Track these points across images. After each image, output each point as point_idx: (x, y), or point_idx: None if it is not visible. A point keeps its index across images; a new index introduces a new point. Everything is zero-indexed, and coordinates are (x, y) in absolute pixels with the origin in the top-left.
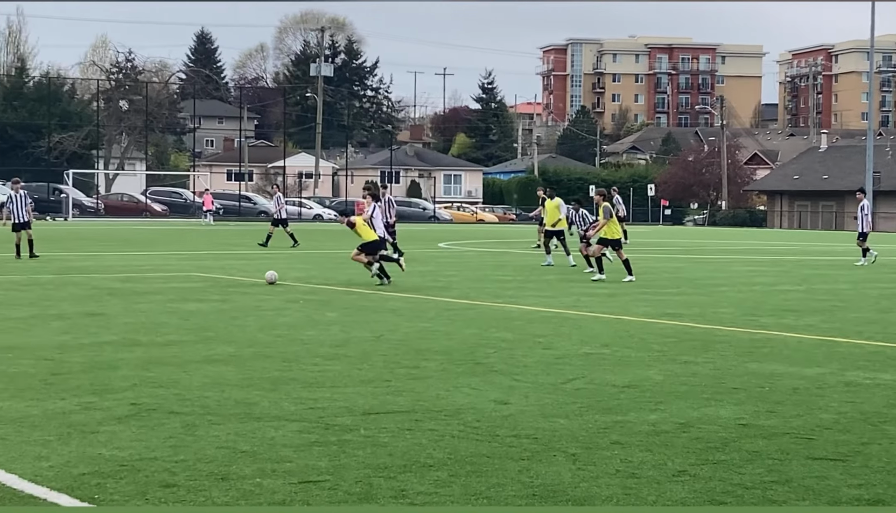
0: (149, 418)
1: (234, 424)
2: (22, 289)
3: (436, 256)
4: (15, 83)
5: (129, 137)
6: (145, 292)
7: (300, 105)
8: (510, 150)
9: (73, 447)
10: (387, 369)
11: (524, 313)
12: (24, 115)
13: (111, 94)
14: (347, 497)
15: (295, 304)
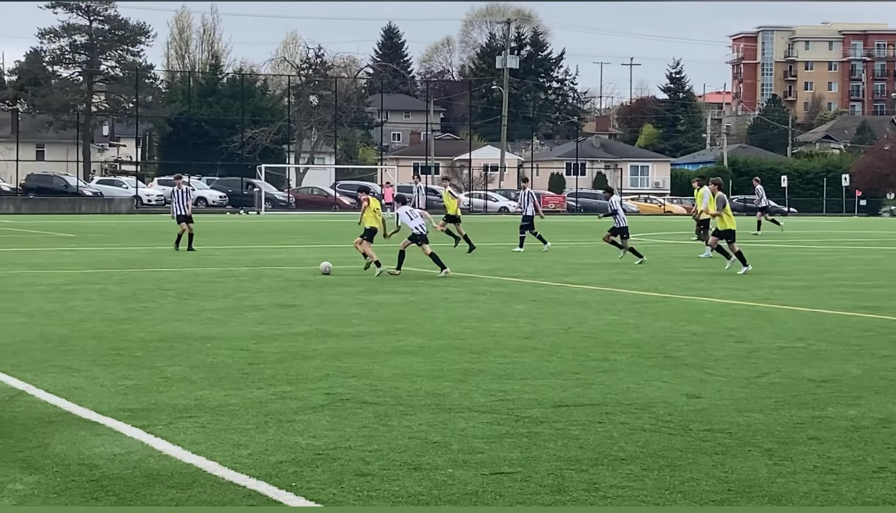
0: (342, 407)
1: (426, 414)
2: (218, 281)
3: None
4: (209, 80)
5: (319, 132)
6: (336, 284)
7: (486, 98)
8: (698, 140)
9: (270, 435)
10: (576, 362)
11: (715, 306)
12: (218, 111)
13: (301, 90)
14: (539, 489)
15: (482, 296)
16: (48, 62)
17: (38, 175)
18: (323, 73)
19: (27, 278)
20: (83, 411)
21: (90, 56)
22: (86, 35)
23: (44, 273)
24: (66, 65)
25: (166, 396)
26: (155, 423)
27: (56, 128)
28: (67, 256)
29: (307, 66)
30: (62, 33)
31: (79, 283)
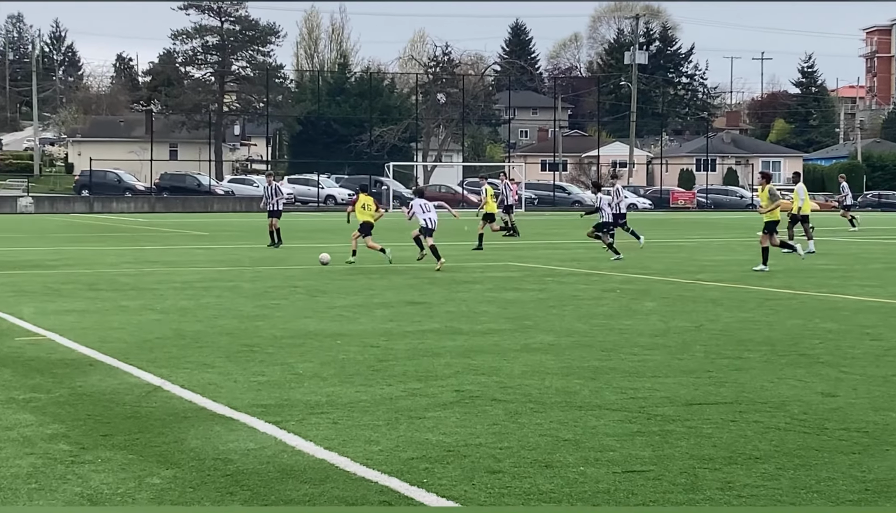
0: (472, 404)
1: (556, 412)
2: (347, 278)
3: (755, 246)
4: (338, 79)
5: (447, 129)
6: (464, 281)
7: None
8: (831, 135)
9: (402, 432)
10: (708, 360)
11: (850, 303)
12: (346, 110)
13: (429, 88)
14: (672, 488)
15: (612, 293)
16: (181, 63)
17: (172, 174)
18: (450, 71)
19: (162, 276)
20: (218, 407)
21: (222, 57)
22: (217, 36)
23: (178, 271)
24: (199, 65)
25: (298, 392)
26: (288, 419)
27: (189, 128)
28: (200, 253)
29: (435, 64)
30: (194, 34)
31: (212, 280)
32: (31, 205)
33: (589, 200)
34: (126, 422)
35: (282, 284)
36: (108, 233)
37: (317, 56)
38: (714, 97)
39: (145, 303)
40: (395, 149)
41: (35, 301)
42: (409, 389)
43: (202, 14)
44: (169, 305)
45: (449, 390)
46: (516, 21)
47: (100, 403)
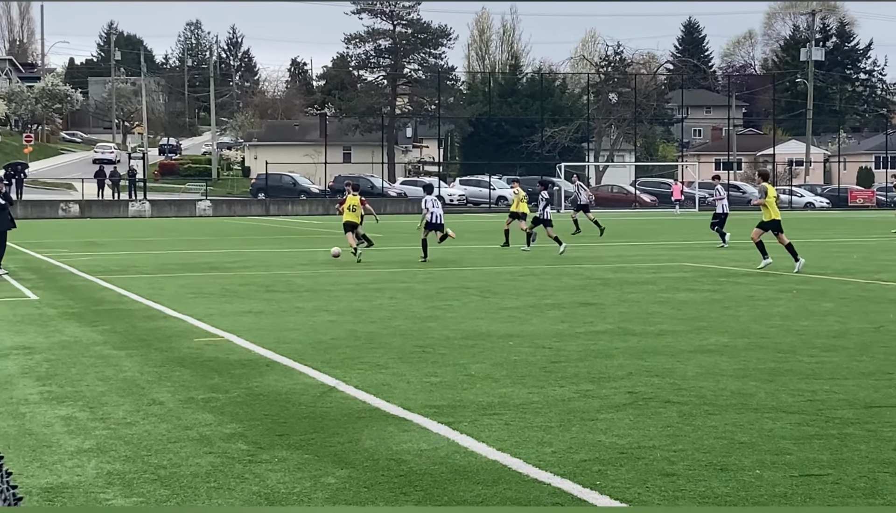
0: (646, 406)
1: (732, 414)
2: (518, 279)
3: None
4: (509, 80)
5: (618, 129)
6: (636, 282)
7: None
8: None
9: (574, 434)
10: (889, 362)
11: None
12: (517, 111)
13: (600, 88)
14: (851, 492)
15: (788, 294)
16: (354, 67)
17: (345, 177)
18: (622, 71)
19: (336, 277)
20: (391, 408)
21: (394, 60)
22: (390, 39)
23: (351, 272)
24: (371, 69)
25: (471, 393)
26: (460, 420)
27: (362, 130)
28: (373, 255)
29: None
30: (367, 38)
31: (385, 281)
32: (210, 208)
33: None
34: (302, 422)
35: (454, 284)
36: (283, 235)
37: (488, 57)
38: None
39: (320, 304)
40: (566, 149)
41: (213, 302)
42: (581, 390)
43: (375, 18)
44: (343, 307)
45: (622, 391)
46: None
47: (276, 403)
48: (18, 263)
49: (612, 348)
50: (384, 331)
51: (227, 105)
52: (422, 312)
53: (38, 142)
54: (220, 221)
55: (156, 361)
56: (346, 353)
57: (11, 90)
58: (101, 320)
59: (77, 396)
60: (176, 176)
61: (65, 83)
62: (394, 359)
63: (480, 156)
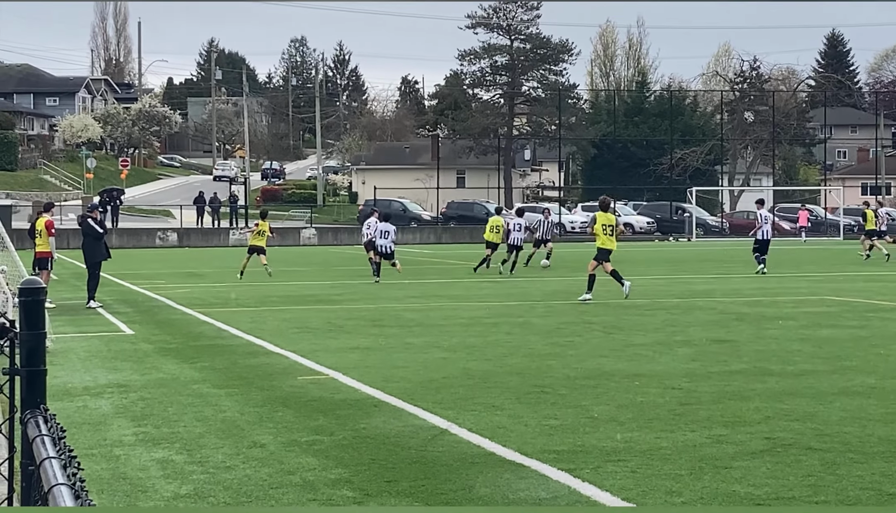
0: (785, 453)
1: (880, 463)
2: (646, 314)
3: None
4: (636, 98)
5: (755, 151)
6: (775, 317)
7: None
8: None
9: (706, 483)
10: None
11: None
12: (645, 131)
13: (735, 106)
14: None
15: None
16: (468, 85)
17: (459, 202)
18: (759, 87)
19: (448, 311)
20: (507, 452)
21: (511, 77)
22: (507, 55)
23: (465, 305)
24: (487, 87)
25: (593, 437)
26: (582, 466)
27: (476, 153)
28: (488, 287)
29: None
30: (483, 54)
31: (500, 315)
32: (315, 236)
33: None
34: (411, 467)
35: (575, 319)
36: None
37: (612, 74)
38: None
39: (431, 340)
40: (697, 172)
41: (318, 338)
42: (714, 435)
43: (491, 32)
44: (456, 343)
45: (759, 436)
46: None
47: (384, 446)
48: (113, 295)
49: (747, 390)
50: (500, 369)
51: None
52: (540, 348)
53: (134, 166)
54: (325, 251)
55: (257, 401)
56: (458, 392)
57: (107, 112)
58: (200, 357)
59: (174, 437)
60: (279, 202)
61: (163, 104)
62: (510, 400)
63: (604, 180)
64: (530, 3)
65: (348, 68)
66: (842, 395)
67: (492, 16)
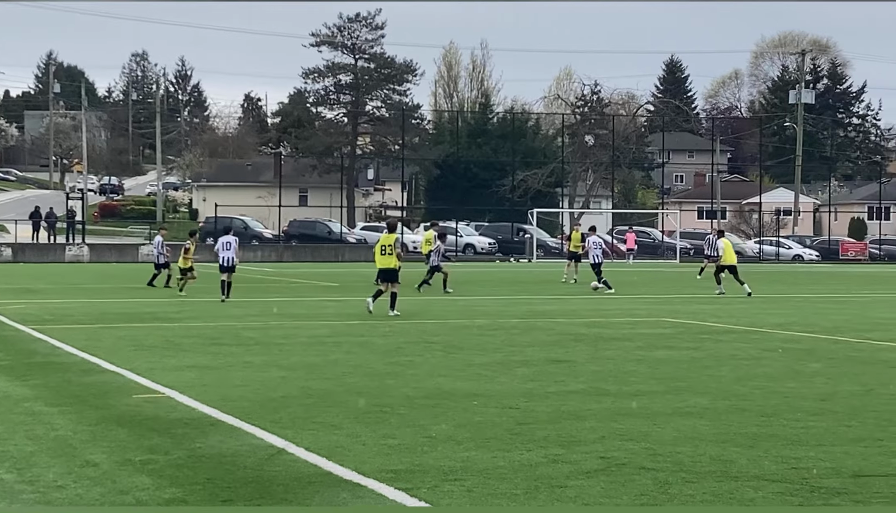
0: (619, 473)
1: (710, 482)
2: (486, 334)
3: None
4: (479, 119)
5: (595, 174)
6: (612, 338)
7: (778, 135)
8: None
9: (541, 502)
10: (879, 428)
11: None
12: (487, 153)
13: (576, 129)
14: None
15: (773, 353)
16: (312, 103)
17: (301, 221)
18: (599, 111)
19: (288, 330)
20: (344, 472)
21: (355, 96)
22: (351, 74)
23: (306, 324)
24: (331, 106)
25: (431, 457)
26: (419, 485)
27: (319, 171)
28: (331, 306)
29: (582, 104)
30: (327, 73)
31: (342, 335)
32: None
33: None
34: (247, 486)
35: (416, 339)
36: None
37: (456, 95)
38: (888, 139)
39: (270, 359)
40: (539, 194)
41: (155, 356)
42: (550, 455)
43: (335, 51)
44: (295, 362)
45: (594, 456)
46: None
47: (220, 466)
48: None
49: (583, 410)
50: (339, 388)
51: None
52: (380, 368)
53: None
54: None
55: (90, 419)
56: (297, 412)
57: None
58: (33, 374)
59: (3, 456)
60: (118, 218)
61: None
62: (349, 419)
63: (447, 200)
64: (375, 22)
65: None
66: (675, 415)
67: (336, 34)
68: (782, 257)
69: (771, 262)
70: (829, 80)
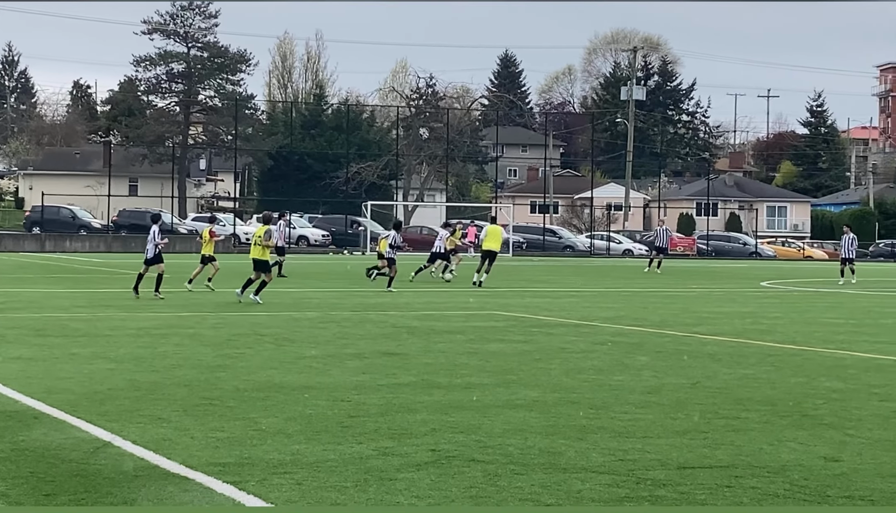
0: (448, 465)
1: (539, 474)
2: (318, 326)
3: (758, 297)
4: (313, 111)
5: (430, 167)
6: (444, 331)
7: (609, 131)
8: (842, 179)
9: (371, 494)
10: (703, 420)
11: (858, 361)
12: (322, 144)
13: (411, 122)
14: None
15: (603, 346)
16: (143, 92)
17: (131, 211)
18: (434, 105)
19: (117, 322)
20: (172, 465)
21: (187, 85)
22: (183, 63)
23: (134, 316)
24: (162, 94)
25: (260, 449)
26: (247, 479)
27: (150, 161)
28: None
29: (417, 97)
30: (158, 61)
31: (171, 327)
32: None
33: (581, 246)
34: (72, 481)
35: (247, 331)
36: (60, 274)
37: (290, 86)
38: (717, 137)
39: (97, 351)
40: (373, 187)
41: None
42: (380, 447)
43: (167, 39)
44: (123, 354)
45: (424, 449)
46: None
47: (43, 459)
48: None
49: (415, 402)
50: (168, 381)
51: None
52: (210, 360)
53: None
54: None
55: None
56: (124, 404)
57: None
58: None
59: None
60: None
61: None
62: (177, 412)
63: (280, 192)
64: (208, 11)
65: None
66: (506, 408)
67: (169, 22)
68: (613, 252)
69: (601, 256)
70: (660, 78)
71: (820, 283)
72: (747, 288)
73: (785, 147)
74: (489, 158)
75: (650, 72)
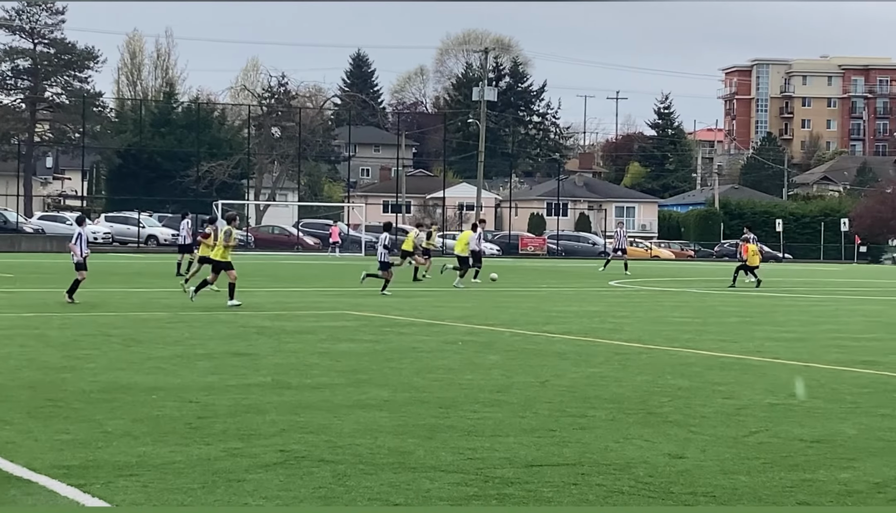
0: (297, 466)
1: (388, 474)
2: (167, 326)
3: (606, 296)
4: (163, 109)
5: (281, 166)
6: (295, 332)
7: (461, 132)
8: (688, 180)
9: (218, 496)
10: (551, 418)
11: (702, 359)
12: (172, 143)
13: (262, 121)
14: None
15: (453, 345)
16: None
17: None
18: (286, 104)
19: None
20: (14, 468)
21: (34, 82)
22: (29, 59)
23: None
24: (8, 91)
25: (106, 452)
26: (93, 481)
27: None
28: (3, 297)
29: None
30: (3, 57)
31: (15, 327)
32: None
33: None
34: None
35: (94, 331)
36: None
37: (140, 84)
38: (567, 138)
39: None
40: (224, 186)
41: None
42: (228, 448)
43: (13, 35)
44: None
45: (273, 449)
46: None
47: None
48: None
49: (264, 403)
50: (11, 383)
51: None
52: (55, 362)
53: None
54: None
55: None
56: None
57: None
58: None
59: None
60: None
61: None
62: (20, 414)
63: (129, 190)
64: (55, 7)
65: None
66: (356, 407)
67: (14, 18)
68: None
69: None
70: (512, 79)
71: (667, 282)
72: (596, 287)
73: (633, 148)
74: (342, 158)
75: (501, 73)
